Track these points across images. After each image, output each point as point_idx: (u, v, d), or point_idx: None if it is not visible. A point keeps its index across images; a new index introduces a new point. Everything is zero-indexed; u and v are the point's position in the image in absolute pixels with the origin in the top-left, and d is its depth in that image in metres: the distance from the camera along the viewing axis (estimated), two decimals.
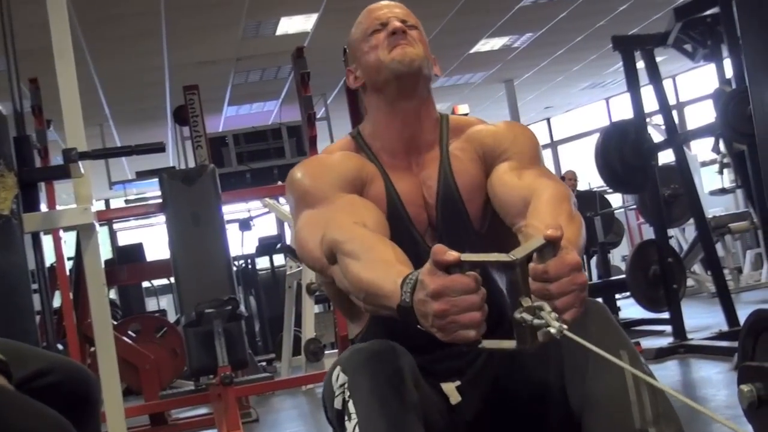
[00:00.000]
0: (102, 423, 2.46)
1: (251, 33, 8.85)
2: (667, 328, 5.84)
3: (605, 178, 5.60)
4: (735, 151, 5.10)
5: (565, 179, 10.04)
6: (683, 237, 9.39)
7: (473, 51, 10.88)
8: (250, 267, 9.24)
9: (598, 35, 10.48)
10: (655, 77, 5.44)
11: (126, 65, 9.15)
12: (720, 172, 8.13)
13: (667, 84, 10.72)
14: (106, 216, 7.23)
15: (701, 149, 9.91)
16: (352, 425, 1.51)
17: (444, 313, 1.28)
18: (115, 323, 5.55)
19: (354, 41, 1.85)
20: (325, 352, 6.56)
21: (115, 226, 13.77)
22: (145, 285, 9.67)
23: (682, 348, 5.24)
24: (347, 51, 1.88)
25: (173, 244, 4.89)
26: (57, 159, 3.91)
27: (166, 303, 10.93)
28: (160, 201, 5.02)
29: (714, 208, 9.62)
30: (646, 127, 5.52)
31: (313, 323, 6.60)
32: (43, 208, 4.23)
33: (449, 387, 1.70)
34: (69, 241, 5.45)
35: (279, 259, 9.10)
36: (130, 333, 5.79)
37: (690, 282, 7.97)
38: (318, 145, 5.42)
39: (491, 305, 1.33)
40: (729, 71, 4.97)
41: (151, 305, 10.57)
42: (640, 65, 5.45)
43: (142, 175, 8.19)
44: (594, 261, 9.09)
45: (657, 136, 6.23)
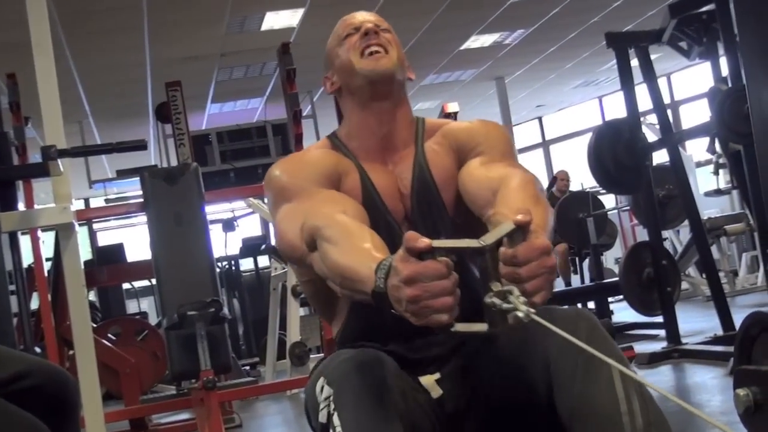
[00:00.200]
0: (81, 428, 2.43)
1: (236, 28, 8.79)
2: (661, 332, 5.82)
3: (598, 178, 5.59)
4: (731, 152, 5.08)
5: (557, 179, 10.02)
6: (678, 239, 9.41)
7: (463, 48, 10.82)
8: (233, 268, 9.22)
9: (591, 32, 10.46)
10: (650, 75, 5.42)
11: (107, 61, 9.07)
12: (715, 172, 8.15)
13: (662, 82, 10.77)
14: (85, 215, 7.15)
15: (696, 149, 9.94)
16: None
17: (417, 298, 1.32)
18: (95, 326, 5.56)
19: (329, 48, 1.92)
20: (311, 356, 6.55)
21: (95, 226, 13.69)
22: (126, 287, 9.69)
23: (676, 353, 5.21)
24: (325, 59, 1.95)
25: (155, 244, 4.85)
26: (35, 157, 3.86)
27: (147, 305, 10.91)
28: (141, 200, 4.97)
29: (709, 209, 9.60)
30: (640, 127, 5.53)
31: (299, 326, 6.57)
32: (21, 207, 4.17)
33: (429, 380, 1.74)
34: (47, 242, 5.41)
35: (263, 261, 9.09)
36: (110, 336, 5.77)
37: (684, 285, 7.98)
38: (304, 144, 5.39)
39: (469, 291, 1.41)
40: (725, 69, 4.96)
41: (132, 307, 10.61)
42: (634, 63, 5.46)
43: (122, 174, 8.10)
44: (586, 263, 9.07)
45: (651, 135, 6.27)
